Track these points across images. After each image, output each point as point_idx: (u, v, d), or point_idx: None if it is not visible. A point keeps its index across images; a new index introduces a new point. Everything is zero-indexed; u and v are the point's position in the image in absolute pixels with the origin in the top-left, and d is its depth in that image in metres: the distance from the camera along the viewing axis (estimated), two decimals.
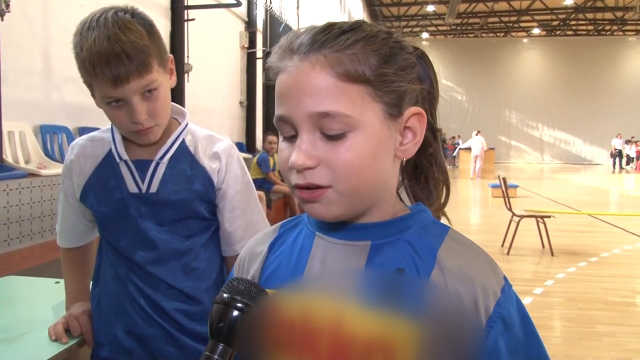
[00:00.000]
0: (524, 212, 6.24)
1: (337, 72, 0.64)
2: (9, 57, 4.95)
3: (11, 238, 4.15)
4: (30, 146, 5.29)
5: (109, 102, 1.12)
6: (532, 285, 4.61)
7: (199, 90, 9.25)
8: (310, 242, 0.74)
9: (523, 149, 29.23)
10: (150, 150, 1.22)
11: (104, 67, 1.07)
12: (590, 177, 18.59)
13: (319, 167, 0.65)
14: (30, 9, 5.45)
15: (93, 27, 1.09)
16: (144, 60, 1.09)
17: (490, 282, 0.68)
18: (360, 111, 0.65)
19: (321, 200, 0.67)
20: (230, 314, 0.65)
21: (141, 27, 1.11)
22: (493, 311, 0.66)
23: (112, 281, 1.26)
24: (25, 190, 4.32)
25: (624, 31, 29.47)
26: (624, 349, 3.34)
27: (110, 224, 1.24)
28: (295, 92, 0.65)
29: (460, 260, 0.68)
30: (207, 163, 1.25)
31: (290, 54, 0.67)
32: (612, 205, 11.52)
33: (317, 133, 0.65)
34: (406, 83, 0.69)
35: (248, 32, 11.83)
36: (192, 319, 1.24)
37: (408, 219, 0.72)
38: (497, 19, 28.40)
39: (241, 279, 0.69)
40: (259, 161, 7.33)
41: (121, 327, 1.24)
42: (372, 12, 27.13)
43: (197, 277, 1.25)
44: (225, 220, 1.28)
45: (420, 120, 0.70)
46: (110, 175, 1.23)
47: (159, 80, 1.14)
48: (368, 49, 0.66)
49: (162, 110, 1.16)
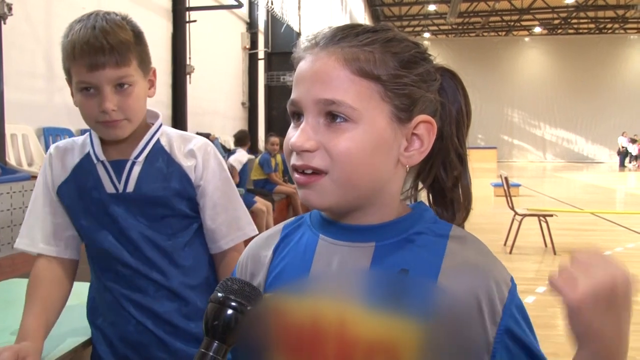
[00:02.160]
0: (527, 211, 6.23)
1: (351, 65, 0.66)
2: (11, 59, 4.97)
3: (15, 241, 4.16)
4: (33, 148, 5.31)
5: (82, 87, 1.15)
6: (534, 284, 4.61)
7: (201, 92, 9.27)
8: (314, 244, 0.74)
9: (525, 148, 29.19)
10: (126, 151, 1.23)
11: (84, 52, 1.11)
12: (592, 176, 18.54)
13: (317, 152, 0.67)
14: (33, 11, 5.47)
15: (83, 20, 1.15)
16: (124, 53, 1.14)
17: (500, 272, 0.69)
18: (367, 107, 0.66)
19: (315, 186, 0.68)
20: (225, 313, 0.67)
21: (129, 28, 1.17)
22: (507, 299, 0.67)
23: (103, 291, 1.27)
24: (28, 193, 4.33)
25: (625, 29, 29.43)
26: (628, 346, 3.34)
27: (91, 226, 1.24)
28: (308, 78, 0.68)
29: (469, 254, 0.69)
30: (183, 161, 1.26)
31: (312, 45, 0.70)
32: (615, 203, 11.49)
33: (322, 119, 0.67)
34: (422, 91, 0.69)
35: (250, 33, 11.85)
36: (186, 318, 1.25)
37: (410, 218, 0.73)
38: (498, 18, 28.39)
39: (235, 279, 0.71)
40: (262, 162, 7.34)
41: (115, 333, 1.26)
42: (374, 12, 27.14)
43: (184, 274, 1.26)
44: (207, 217, 1.28)
45: (430, 129, 0.70)
46: (88, 177, 1.24)
47: (134, 78, 1.17)
48: (387, 50, 0.68)
49: (133, 107, 1.17)
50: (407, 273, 0.68)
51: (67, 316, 1.33)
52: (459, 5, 21.15)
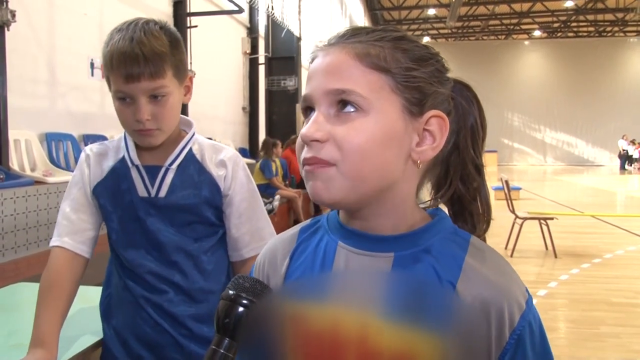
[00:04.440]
0: (527, 214, 6.24)
1: (362, 59, 0.67)
2: (14, 66, 4.99)
3: (18, 245, 4.17)
4: (36, 154, 5.32)
5: (119, 97, 1.19)
6: (535, 287, 4.62)
7: (201, 97, 9.28)
8: (333, 251, 0.73)
9: (526, 151, 29.18)
10: (160, 156, 1.27)
11: (120, 62, 1.15)
12: (593, 179, 18.54)
13: (327, 144, 0.66)
14: (35, 18, 5.49)
15: (123, 29, 1.18)
16: (159, 65, 1.16)
17: (516, 292, 0.67)
18: (377, 97, 0.66)
19: (322, 176, 0.66)
20: (236, 310, 0.67)
21: (166, 38, 1.19)
22: (518, 323, 0.65)
23: (122, 290, 1.29)
24: (32, 198, 4.35)
25: (625, 32, 29.43)
26: (629, 349, 3.35)
27: (121, 227, 1.28)
28: (320, 71, 0.68)
29: (487, 269, 0.68)
30: (214, 170, 1.30)
31: (325, 46, 0.71)
32: (615, 206, 11.49)
33: (333, 110, 0.67)
34: (433, 87, 0.69)
35: (250, 38, 11.86)
36: (201, 323, 1.27)
37: (430, 229, 0.71)
38: (498, 22, 28.40)
39: (247, 277, 0.71)
40: (262, 167, 7.36)
41: (131, 333, 1.28)
42: (374, 16, 27.18)
43: (205, 279, 1.29)
44: (232, 226, 1.32)
45: (442, 125, 0.69)
46: (122, 180, 1.27)
47: (169, 88, 1.19)
48: (398, 47, 0.68)
49: (166, 116, 1.21)
50: (428, 284, 0.67)
51: (75, 318, 1.35)
52: (458, 9, 21.17)
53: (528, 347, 0.66)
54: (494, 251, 0.71)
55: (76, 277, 1.27)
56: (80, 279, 1.29)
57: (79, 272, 1.28)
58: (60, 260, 1.26)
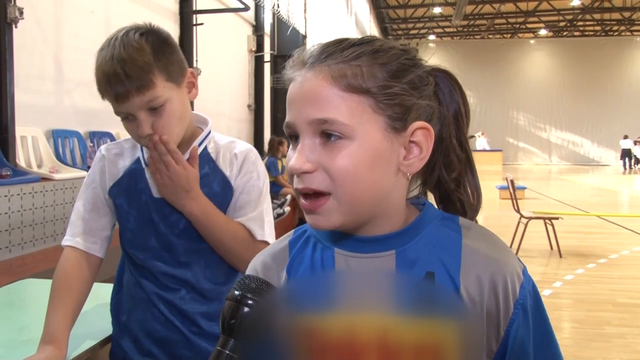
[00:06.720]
0: (532, 214, 6.24)
1: (339, 82, 0.66)
2: (21, 63, 5.02)
3: (25, 242, 4.20)
4: (43, 150, 5.35)
5: (120, 116, 1.18)
6: (540, 287, 4.59)
7: (207, 94, 9.30)
8: (331, 259, 0.73)
9: (531, 151, 29.08)
10: None
11: (106, 85, 1.14)
12: (598, 178, 18.47)
13: (317, 172, 0.67)
14: (43, 15, 5.52)
15: (104, 48, 1.16)
16: (144, 77, 1.13)
17: (514, 264, 0.70)
18: (359, 121, 0.66)
19: (322, 211, 0.68)
20: (242, 311, 0.67)
21: (148, 45, 1.15)
22: (519, 293, 0.69)
23: (134, 287, 1.30)
24: (39, 195, 4.37)
25: (631, 31, 29.29)
26: (634, 350, 3.35)
27: (135, 226, 1.28)
28: (299, 100, 0.68)
29: (484, 247, 0.71)
30: (227, 169, 1.29)
31: (300, 65, 0.70)
32: (620, 206, 11.46)
33: (317, 139, 0.67)
34: (414, 98, 0.69)
35: (256, 35, 11.87)
36: (211, 320, 1.28)
37: (422, 219, 0.73)
38: (503, 20, 28.31)
39: (253, 277, 0.71)
40: (268, 165, 7.37)
41: (141, 329, 1.28)
42: (379, 14, 27.13)
43: (217, 277, 1.29)
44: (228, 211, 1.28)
45: (427, 135, 0.70)
46: (138, 180, 1.28)
47: (164, 97, 1.16)
48: (374, 62, 0.67)
49: (169, 125, 1.18)
50: (434, 275, 0.68)
51: (84, 315, 1.36)
52: (464, 8, 21.11)
53: (529, 313, 0.70)
54: (481, 227, 0.75)
55: (88, 277, 1.28)
56: (93, 279, 1.30)
57: (91, 272, 1.28)
58: (71, 260, 1.27)
